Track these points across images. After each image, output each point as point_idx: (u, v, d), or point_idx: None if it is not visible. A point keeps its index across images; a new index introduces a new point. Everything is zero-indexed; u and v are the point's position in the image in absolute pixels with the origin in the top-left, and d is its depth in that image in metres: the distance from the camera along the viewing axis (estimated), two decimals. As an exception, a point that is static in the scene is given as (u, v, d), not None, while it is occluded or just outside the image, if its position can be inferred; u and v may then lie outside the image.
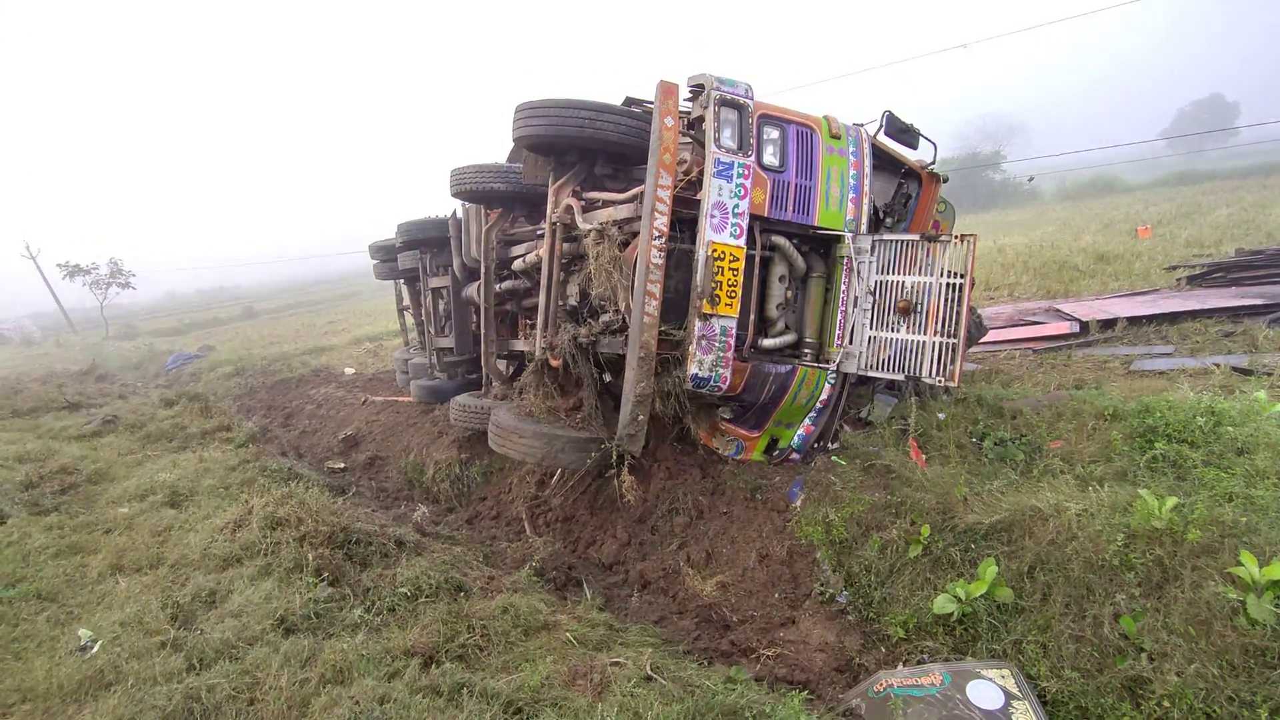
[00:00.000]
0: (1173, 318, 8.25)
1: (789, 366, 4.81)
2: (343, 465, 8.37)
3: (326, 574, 4.15)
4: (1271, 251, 10.85)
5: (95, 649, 3.50)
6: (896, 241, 4.71)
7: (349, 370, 13.87)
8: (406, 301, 10.78)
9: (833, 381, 4.94)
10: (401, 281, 10.59)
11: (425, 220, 8.55)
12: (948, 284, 4.45)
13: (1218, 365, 6.40)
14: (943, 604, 3.55)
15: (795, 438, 5.12)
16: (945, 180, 5.73)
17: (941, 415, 5.12)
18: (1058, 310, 9.71)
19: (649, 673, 3.28)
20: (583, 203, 5.12)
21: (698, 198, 4.39)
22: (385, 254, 10.20)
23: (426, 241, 8.55)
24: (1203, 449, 4.07)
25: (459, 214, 7.55)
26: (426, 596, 4.01)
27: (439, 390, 8.38)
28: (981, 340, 7.58)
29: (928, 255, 4.54)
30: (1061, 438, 4.61)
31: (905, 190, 5.52)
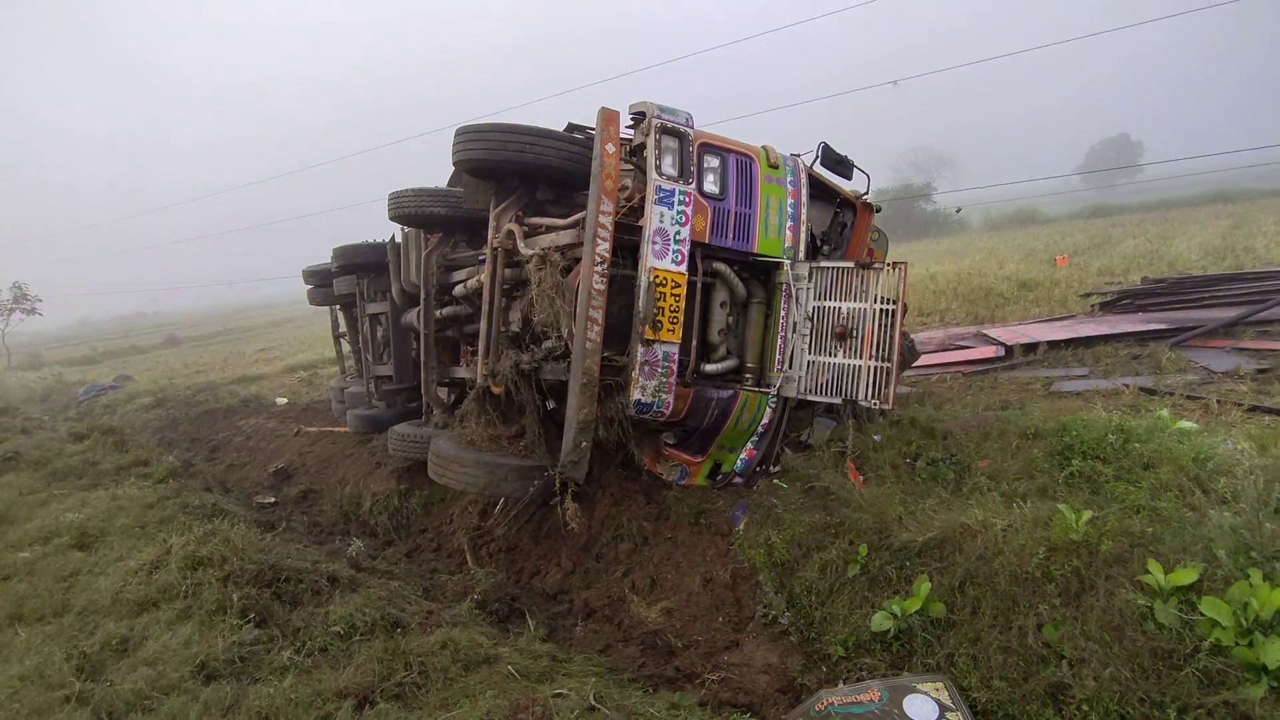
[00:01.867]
0: (1088, 342, 8.79)
1: (731, 391, 4.89)
2: (273, 499, 7.98)
3: (253, 615, 3.92)
4: (1173, 280, 11.77)
5: (-13, 708, 3.20)
6: (833, 268, 4.89)
7: (281, 400, 13.32)
8: (343, 328, 10.47)
9: (774, 405, 5.04)
10: (338, 307, 10.29)
11: (362, 245, 8.36)
12: (882, 310, 4.63)
13: (1127, 386, 6.86)
14: (880, 621, 3.62)
15: (738, 462, 5.18)
16: (879, 210, 6.00)
17: (878, 437, 5.28)
18: (985, 335, 10.22)
19: (592, 703, 3.21)
20: (524, 228, 5.12)
21: (640, 224, 4.45)
22: (320, 279, 9.90)
23: (364, 266, 8.36)
24: (1113, 464, 4.32)
25: (398, 238, 7.42)
26: (361, 634, 3.83)
27: (377, 420, 8.13)
28: (914, 364, 7.92)
29: (863, 282, 4.73)
30: (988, 457, 4.82)
31: (841, 219, 5.76)
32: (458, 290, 6.21)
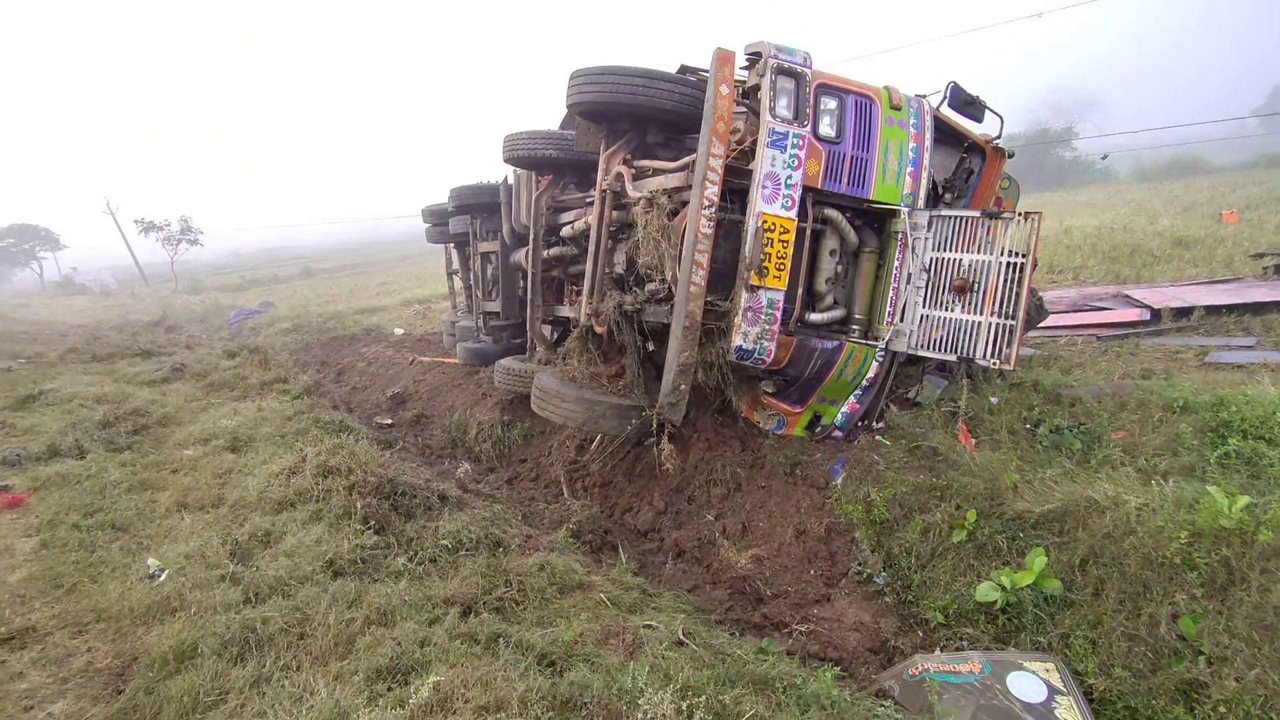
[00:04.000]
0: (1257, 308, 7.71)
1: (836, 342, 4.71)
2: (390, 421, 8.62)
3: (373, 522, 4.30)
4: (1374, 242, 10.02)
5: (163, 577, 3.73)
6: (955, 218, 4.52)
7: (398, 330, 14.22)
8: (456, 265, 10.94)
9: (880, 359, 4.81)
10: (452, 245, 10.73)
11: (477, 185, 8.61)
12: (1008, 264, 4.24)
13: (1303, 360, 5.99)
14: (986, 592, 3.47)
15: (839, 415, 5.03)
16: (1011, 156, 5.46)
17: (994, 399, 4.95)
18: (1127, 296, 9.19)
19: (681, 638, 3.31)
20: (633, 171, 5.06)
21: (750, 168, 4.29)
22: (437, 218, 10.34)
23: (477, 206, 8.63)
24: (1280, 447, 3.83)
25: (510, 180, 7.57)
26: (466, 550, 4.12)
27: (484, 353, 8.52)
28: (1041, 324, 7.26)
29: (988, 233, 4.34)
30: (1124, 428, 4.41)
31: (967, 165, 5.28)
32: (565, 231, 6.28)
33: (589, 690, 2.57)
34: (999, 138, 5.38)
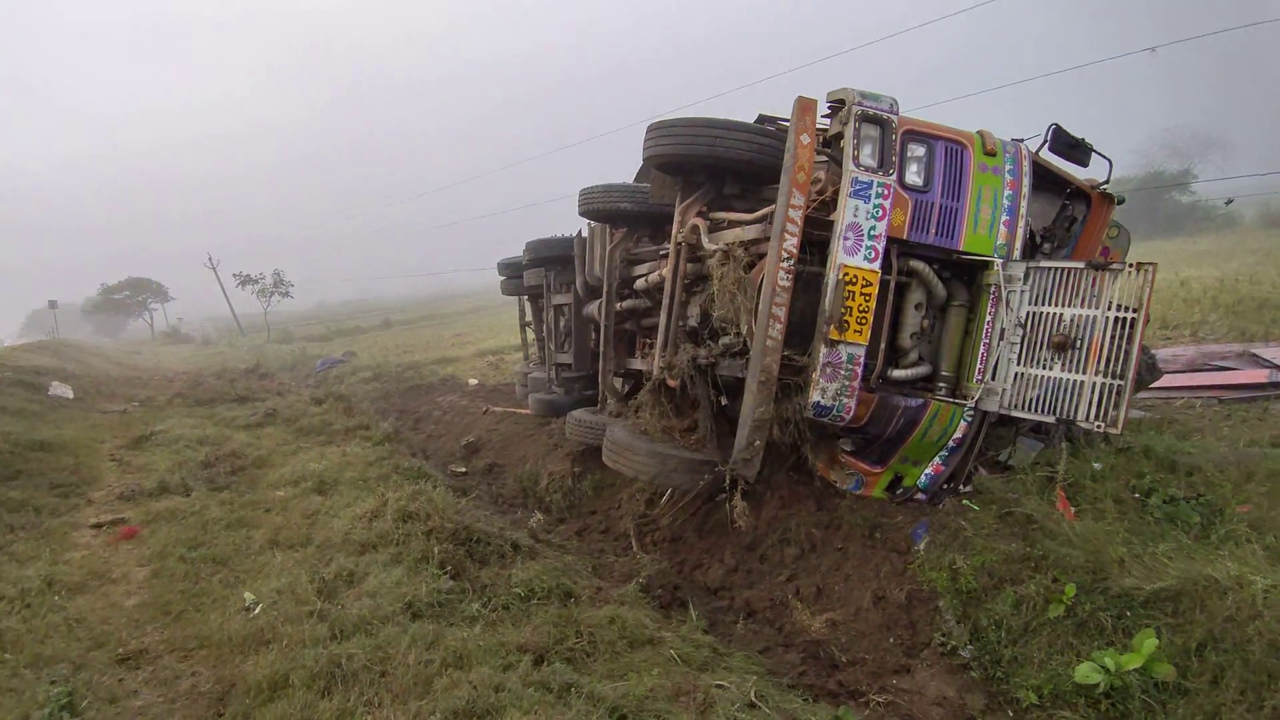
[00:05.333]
0: None
1: (920, 400, 4.55)
2: (464, 469, 8.83)
3: (449, 567, 4.38)
4: None
5: (257, 610, 3.91)
6: (1056, 269, 4.33)
7: (472, 381, 14.68)
8: (529, 317, 11.29)
9: (969, 419, 4.60)
10: (525, 298, 11.11)
11: (551, 239, 8.95)
12: (1116, 318, 4.01)
13: None
14: (1087, 673, 3.20)
15: (922, 476, 4.81)
16: (1120, 202, 5.19)
17: (1098, 465, 4.63)
18: (1254, 355, 8.46)
19: (753, 699, 3.19)
20: (709, 223, 5.16)
21: (830, 218, 4.29)
22: (512, 270, 10.76)
23: (551, 259, 8.93)
24: None
25: (584, 233, 7.85)
26: (538, 599, 4.13)
27: (556, 404, 8.66)
28: (1153, 384, 6.77)
29: (1093, 285, 4.13)
30: (1250, 501, 4.03)
31: (1070, 213, 5.08)
32: (639, 284, 6.42)
33: (662, 747, 2.50)
34: (1106, 182, 5.16)
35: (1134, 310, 3.94)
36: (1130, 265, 3.98)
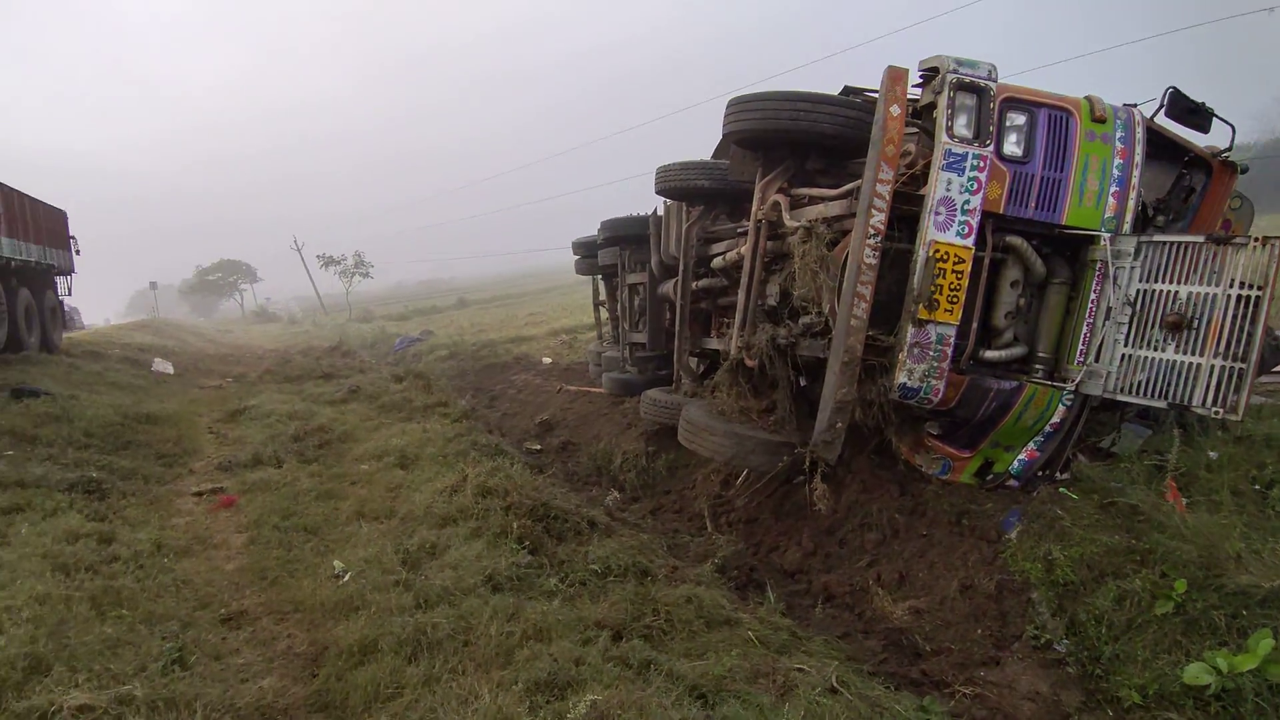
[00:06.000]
0: None
1: (1014, 383, 4.30)
2: (539, 446, 9.01)
3: (527, 542, 4.47)
4: None
5: (346, 578, 4.11)
6: (1171, 244, 3.99)
7: (546, 360, 14.94)
8: (603, 297, 11.36)
9: (1068, 403, 4.32)
10: (599, 277, 11.18)
11: (626, 218, 8.94)
12: (1239, 296, 3.68)
13: None
14: (1197, 673, 3.01)
15: (1015, 462, 4.57)
16: (1244, 171, 4.76)
17: (1214, 454, 4.27)
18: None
19: (834, 684, 3.12)
20: (790, 199, 5.01)
21: (920, 193, 4.08)
22: (586, 250, 10.83)
23: (626, 238, 8.94)
24: None
25: (659, 212, 7.78)
26: (615, 576, 4.16)
27: (630, 384, 8.72)
28: (1277, 368, 6.21)
29: (1213, 261, 3.79)
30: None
31: (1187, 183, 4.67)
32: (715, 262, 6.33)
33: (742, 726, 2.48)
34: (1229, 150, 4.73)
35: (1259, 288, 3.65)
36: (1255, 239, 3.66)
